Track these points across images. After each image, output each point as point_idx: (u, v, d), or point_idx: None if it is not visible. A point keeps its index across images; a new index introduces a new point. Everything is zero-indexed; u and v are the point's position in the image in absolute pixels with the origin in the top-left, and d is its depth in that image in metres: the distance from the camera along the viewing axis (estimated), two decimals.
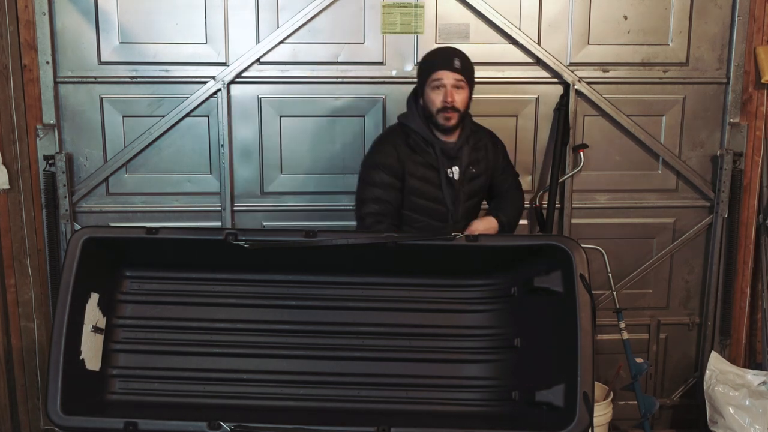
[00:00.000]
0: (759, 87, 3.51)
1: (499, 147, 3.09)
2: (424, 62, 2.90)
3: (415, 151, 2.87)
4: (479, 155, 2.97)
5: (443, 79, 2.80)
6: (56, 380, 2.26)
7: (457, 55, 2.84)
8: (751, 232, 3.64)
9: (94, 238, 2.41)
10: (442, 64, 2.82)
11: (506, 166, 3.13)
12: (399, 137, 2.90)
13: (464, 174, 2.91)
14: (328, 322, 2.61)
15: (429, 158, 2.87)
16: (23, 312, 3.42)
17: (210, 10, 3.30)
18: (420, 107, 2.89)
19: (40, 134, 3.32)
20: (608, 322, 3.53)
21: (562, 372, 2.32)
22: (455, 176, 2.89)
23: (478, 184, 2.99)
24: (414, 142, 2.88)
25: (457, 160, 2.89)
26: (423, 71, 2.88)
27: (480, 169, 2.96)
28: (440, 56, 2.87)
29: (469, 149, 2.92)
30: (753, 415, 3.39)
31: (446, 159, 2.88)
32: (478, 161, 2.96)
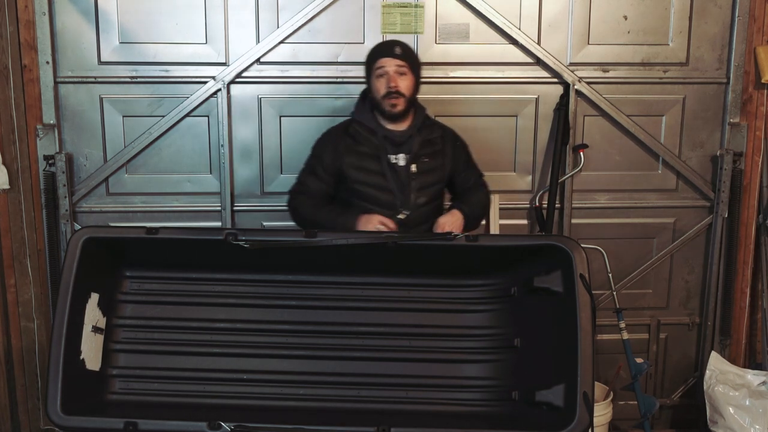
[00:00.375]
0: (759, 87, 3.51)
1: (458, 144, 3.07)
2: (368, 55, 2.95)
3: (357, 141, 2.91)
4: (434, 148, 2.96)
5: (385, 66, 2.85)
6: (56, 380, 2.26)
7: (397, 44, 2.91)
8: (751, 232, 3.64)
9: (94, 238, 2.41)
10: (384, 52, 2.89)
11: (468, 165, 3.10)
12: (340, 129, 2.98)
13: (415, 163, 2.90)
14: (328, 322, 2.61)
15: (371, 146, 2.90)
16: (23, 312, 3.42)
17: (210, 10, 3.30)
18: (369, 100, 2.94)
19: (40, 134, 3.32)
20: (608, 322, 3.53)
21: (562, 372, 2.32)
22: (400, 162, 2.89)
23: (434, 178, 2.94)
24: (354, 131, 2.92)
25: (405, 147, 2.90)
26: (367, 63, 2.93)
27: (435, 162, 2.95)
28: (381, 45, 2.97)
29: (421, 139, 2.92)
30: (753, 415, 3.39)
31: (391, 146, 2.90)
32: (433, 154, 2.95)
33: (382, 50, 2.91)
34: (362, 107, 2.96)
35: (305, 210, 2.93)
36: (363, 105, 2.96)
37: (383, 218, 2.78)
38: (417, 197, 2.89)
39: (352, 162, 2.89)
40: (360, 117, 2.94)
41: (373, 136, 2.90)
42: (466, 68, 3.43)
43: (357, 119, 2.94)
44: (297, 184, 3.02)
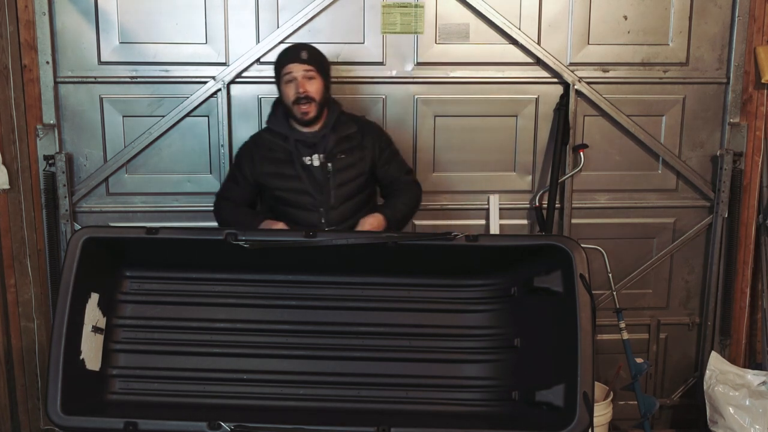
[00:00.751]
0: (759, 87, 3.51)
1: (378, 137, 3.04)
2: (276, 61, 2.96)
3: (271, 149, 2.94)
4: (352, 143, 2.95)
5: (293, 72, 2.86)
6: (56, 380, 2.26)
7: (304, 48, 2.92)
8: (751, 232, 3.64)
9: (94, 238, 2.41)
10: (290, 57, 2.89)
11: (391, 159, 3.05)
12: (254, 140, 3.03)
13: (330, 161, 2.90)
14: (328, 322, 2.61)
15: (284, 152, 2.93)
16: (23, 312, 3.42)
17: (210, 10, 3.30)
18: (282, 107, 2.96)
19: (40, 134, 3.32)
20: (608, 322, 3.53)
21: (562, 372, 2.32)
22: (314, 163, 2.90)
23: (352, 174, 2.94)
24: (267, 140, 2.96)
25: (318, 148, 2.91)
26: (275, 69, 2.94)
27: (353, 157, 2.94)
28: (288, 51, 2.95)
29: (336, 138, 2.92)
30: (753, 415, 3.39)
31: (305, 148, 2.91)
32: (350, 150, 2.94)
33: (288, 56, 2.90)
34: (275, 115, 2.99)
35: (225, 214, 3.02)
36: (276, 112, 2.99)
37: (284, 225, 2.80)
38: (337, 195, 2.89)
39: (269, 170, 2.93)
40: (271, 125, 2.97)
41: (286, 142, 2.92)
42: (466, 68, 3.43)
43: (269, 127, 2.98)
44: (221, 189, 3.11)
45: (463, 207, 3.55)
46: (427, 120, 3.46)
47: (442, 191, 3.53)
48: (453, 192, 3.54)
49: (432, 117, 3.46)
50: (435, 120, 3.47)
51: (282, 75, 2.89)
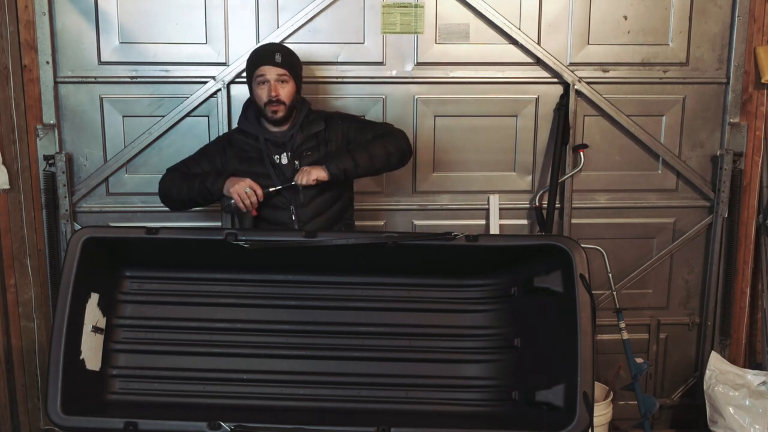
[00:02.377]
0: (759, 87, 3.51)
1: (342, 123, 2.99)
2: (249, 60, 2.94)
3: (242, 149, 2.95)
4: (318, 140, 2.94)
5: (266, 75, 2.84)
6: (56, 380, 2.26)
7: (278, 50, 2.90)
8: (751, 232, 3.64)
9: (94, 238, 2.41)
10: (264, 59, 2.87)
11: (360, 129, 2.98)
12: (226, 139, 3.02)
13: (297, 159, 2.90)
14: (328, 322, 2.61)
15: (255, 151, 2.93)
16: (23, 312, 3.42)
17: (210, 10, 3.30)
18: (253, 107, 2.96)
19: (40, 134, 3.32)
20: (608, 322, 3.53)
21: (562, 372, 2.32)
22: (282, 161, 2.91)
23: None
24: (238, 140, 2.96)
25: (287, 146, 2.92)
26: (248, 69, 2.93)
27: (319, 153, 2.92)
28: (262, 52, 2.92)
29: (303, 136, 2.92)
30: (753, 415, 3.39)
31: (274, 147, 2.92)
32: (316, 146, 2.93)
33: (262, 57, 2.88)
34: (245, 116, 2.98)
35: (174, 181, 2.95)
36: (246, 114, 2.98)
37: (252, 182, 2.80)
38: (305, 192, 2.88)
39: (241, 168, 2.92)
40: (242, 125, 2.97)
41: (256, 142, 2.93)
42: (466, 68, 3.43)
43: (239, 128, 2.98)
44: (177, 165, 3.04)
45: (463, 207, 3.55)
46: (427, 120, 3.46)
47: (442, 191, 3.53)
48: (453, 192, 3.54)
49: (432, 117, 3.46)
50: (435, 120, 3.46)
51: (255, 76, 2.87)
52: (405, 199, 3.53)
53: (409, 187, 3.52)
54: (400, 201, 3.52)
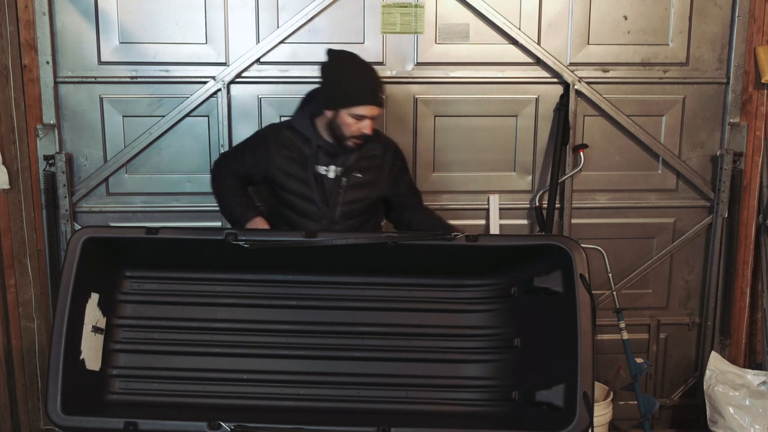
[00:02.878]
0: (759, 87, 3.51)
1: (399, 163, 2.98)
2: (347, 90, 2.75)
3: (288, 147, 2.87)
4: (372, 163, 2.88)
5: (367, 114, 2.75)
6: (56, 380, 2.26)
7: (381, 88, 2.80)
8: (751, 232, 3.64)
9: (94, 238, 2.41)
10: (370, 99, 2.75)
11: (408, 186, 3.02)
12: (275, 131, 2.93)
13: (346, 176, 2.84)
14: (328, 322, 2.61)
15: (300, 153, 2.85)
16: (23, 312, 3.42)
17: (210, 10, 3.30)
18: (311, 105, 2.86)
19: (40, 134, 3.32)
20: (608, 322, 3.53)
21: (562, 372, 2.32)
22: (329, 174, 2.84)
23: (364, 194, 2.88)
24: (286, 137, 2.87)
25: (339, 159, 2.84)
26: (345, 98, 2.74)
27: (369, 177, 2.87)
28: (367, 90, 2.77)
29: (358, 155, 2.85)
30: (753, 415, 3.39)
31: (325, 156, 2.84)
32: (368, 169, 2.87)
33: (368, 97, 2.75)
34: (301, 114, 2.88)
35: (224, 186, 2.98)
36: (303, 111, 2.89)
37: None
38: (343, 211, 2.84)
39: (282, 167, 2.86)
40: (296, 123, 2.88)
41: (307, 145, 2.85)
42: (466, 68, 3.42)
43: (293, 125, 2.90)
44: (226, 155, 3.07)
45: (463, 207, 3.55)
46: (427, 120, 3.46)
47: (442, 191, 3.53)
48: (453, 192, 3.54)
49: (432, 117, 3.46)
50: (435, 120, 3.46)
51: (353, 110, 2.72)
52: None
53: None
54: None
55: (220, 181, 3.01)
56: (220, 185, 3.00)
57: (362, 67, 2.82)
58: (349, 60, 2.83)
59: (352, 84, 2.77)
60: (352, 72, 2.80)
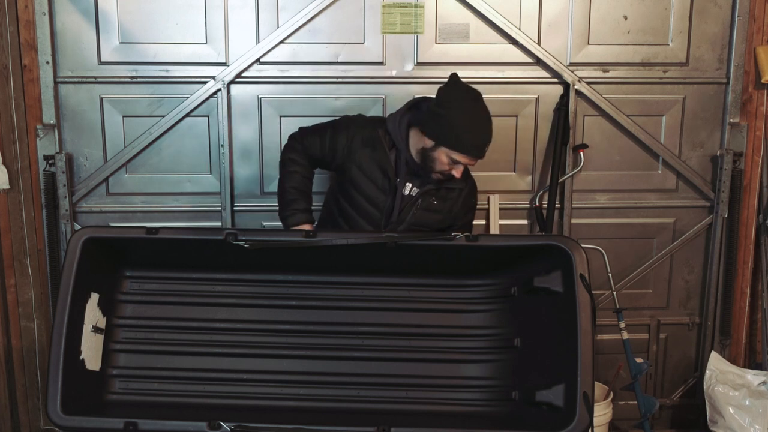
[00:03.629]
0: (759, 87, 3.51)
1: (471, 201, 2.95)
2: (459, 135, 2.64)
3: (375, 148, 2.78)
4: (451, 194, 2.84)
5: (465, 162, 2.70)
6: (56, 380, 2.26)
7: (489, 142, 2.71)
8: (751, 232, 3.64)
9: (94, 238, 2.41)
10: (476, 153, 2.69)
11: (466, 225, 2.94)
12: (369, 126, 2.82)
13: (423, 197, 2.80)
14: (328, 322, 2.61)
15: (386, 160, 2.77)
16: (23, 312, 3.42)
17: (210, 10, 3.30)
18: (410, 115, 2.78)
19: (40, 134, 3.32)
20: (608, 322, 3.53)
21: (562, 372, 2.32)
22: (406, 191, 2.80)
23: (434, 219, 2.83)
24: (378, 137, 2.78)
25: (416, 180, 2.79)
26: (453, 141, 2.64)
27: (443, 206, 2.84)
28: (478, 145, 2.68)
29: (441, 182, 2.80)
30: (753, 415, 3.39)
31: (406, 173, 2.79)
32: (445, 199, 2.84)
33: (476, 151, 2.67)
34: (401, 121, 2.77)
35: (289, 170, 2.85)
36: (403, 117, 2.78)
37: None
38: (407, 229, 2.80)
39: (359, 162, 2.78)
40: (390, 127, 2.78)
41: (393, 152, 2.79)
42: (466, 68, 3.42)
43: (387, 127, 2.80)
44: (302, 133, 2.89)
45: None
46: None
47: None
48: None
49: None
50: None
51: (454, 153, 2.65)
52: None
53: None
54: None
55: (289, 158, 2.87)
56: (287, 165, 2.87)
57: (481, 116, 2.71)
58: (471, 101, 2.70)
59: (466, 131, 2.66)
60: (472, 118, 2.69)
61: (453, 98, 2.69)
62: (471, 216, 2.99)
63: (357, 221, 2.83)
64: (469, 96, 2.71)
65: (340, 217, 2.88)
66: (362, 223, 2.82)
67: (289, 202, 2.85)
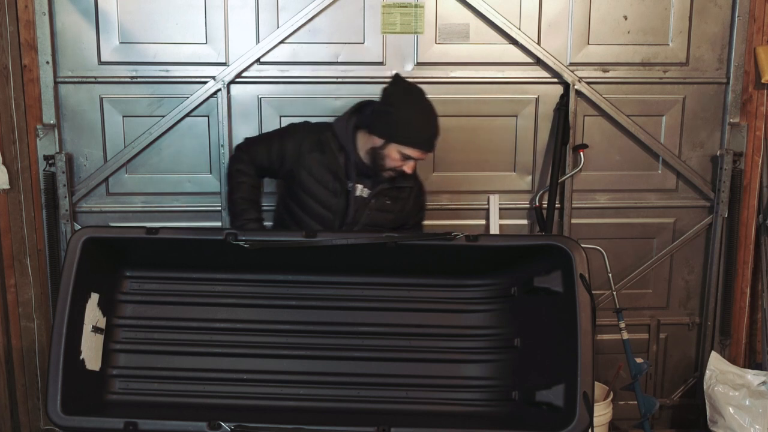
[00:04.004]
0: (759, 87, 3.51)
1: (420, 200, 3.02)
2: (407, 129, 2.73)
3: (323, 151, 2.83)
4: (402, 194, 2.90)
5: (416, 157, 2.78)
6: (56, 380, 2.26)
7: (437, 136, 2.80)
8: (751, 232, 3.64)
9: (94, 238, 2.41)
10: (426, 146, 2.77)
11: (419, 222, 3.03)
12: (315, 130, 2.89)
13: (376, 199, 2.85)
14: (328, 322, 2.61)
15: (335, 163, 2.82)
16: (23, 312, 3.42)
17: (210, 10, 3.30)
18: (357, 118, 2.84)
19: (40, 134, 3.32)
20: (608, 322, 3.53)
21: (562, 372, 2.32)
22: (357, 192, 2.84)
23: (387, 219, 2.90)
24: (326, 139, 2.84)
25: (367, 181, 2.84)
26: (402, 136, 2.73)
27: (396, 206, 2.90)
28: (427, 137, 2.77)
29: (390, 181, 2.85)
30: (753, 415, 3.39)
31: (357, 175, 2.83)
32: (396, 198, 2.90)
33: (425, 144, 2.76)
34: (347, 123, 2.85)
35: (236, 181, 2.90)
36: (349, 120, 2.86)
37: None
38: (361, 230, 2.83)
39: (309, 166, 2.84)
40: (337, 130, 2.86)
41: (342, 155, 2.84)
42: (466, 68, 3.43)
43: (333, 130, 2.87)
44: (248, 143, 2.96)
45: (463, 207, 3.55)
46: None
47: (442, 191, 3.53)
48: (453, 192, 3.54)
49: None
50: None
51: (403, 148, 2.74)
52: None
53: None
54: None
55: (236, 170, 2.93)
56: (234, 176, 2.93)
57: (427, 111, 2.79)
58: (417, 97, 2.79)
59: (413, 126, 2.74)
60: (419, 114, 2.77)
61: (398, 96, 2.78)
62: (422, 215, 3.08)
63: (310, 225, 2.86)
64: (414, 93, 2.80)
65: (293, 223, 2.90)
66: (315, 227, 2.84)
67: (241, 212, 2.89)
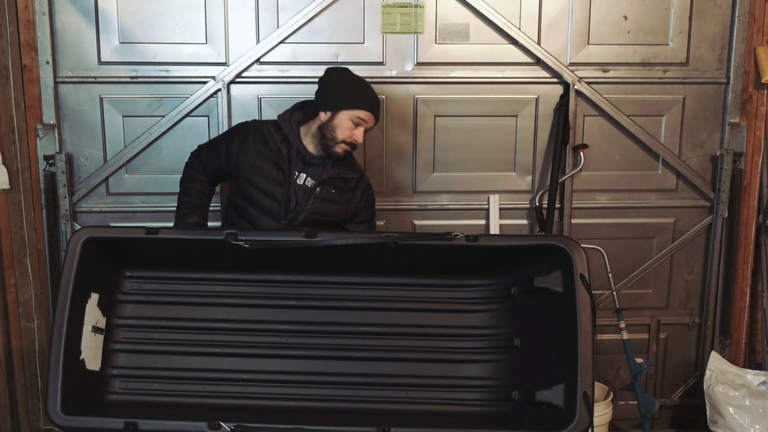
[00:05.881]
0: (759, 87, 3.51)
1: (369, 195, 3.00)
2: (353, 93, 2.81)
3: (266, 144, 2.85)
4: (348, 184, 2.90)
5: (368, 121, 2.80)
6: (56, 380, 2.26)
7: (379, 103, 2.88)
8: (751, 232, 3.64)
9: (94, 238, 2.41)
10: (372, 107, 2.81)
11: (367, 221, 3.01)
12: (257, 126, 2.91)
13: (320, 187, 2.84)
14: (328, 322, 2.61)
15: (277, 154, 2.83)
16: (23, 312, 3.42)
17: (210, 10, 3.30)
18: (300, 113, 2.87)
19: (40, 134, 3.32)
20: (608, 322, 3.53)
21: (562, 372, 2.32)
22: (300, 181, 2.85)
23: (332, 210, 2.87)
24: (269, 132, 2.86)
25: (312, 170, 2.85)
26: (349, 100, 2.79)
27: (341, 197, 2.89)
28: (371, 98, 2.83)
29: (336, 172, 2.86)
30: (753, 415, 3.39)
31: (301, 163, 2.85)
32: (341, 189, 2.89)
33: (371, 105, 2.81)
34: (290, 116, 2.89)
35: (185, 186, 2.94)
36: (293, 114, 2.89)
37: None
38: (305, 219, 2.82)
39: (252, 158, 2.84)
40: (282, 123, 2.88)
41: (285, 145, 2.86)
42: (466, 68, 3.43)
43: (277, 123, 2.90)
44: (203, 146, 2.99)
45: (463, 207, 3.55)
46: (427, 120, 3.46)
47: (442, 191, 3.53)
48: (453, 192, 3.54)
49: (432, 117, 3.46)
50: (435, 120, 3.47)
51: (353, 113, 2.78)
52: (405, 199, 3.53)
53: (409, 187, 3.52)
54: (400, 201, 3.53)
55: (186, 176, 2.96)
56: (184, 181, 2.96)
57: (363, 81, 2.89)
58: (350, 72, 2.89)
59: (357, 89, 2.83)
60: (356, 80, 2.87)
61: (335, 73, 2.89)
62: (373, 210, 3.06)
63: (258, 217, 2.85)
64: (347, 70, 2.91)
65: (240, 218, 2.90)
66: (264, 219, 2.84)
67: (183, 216, 2.91)
